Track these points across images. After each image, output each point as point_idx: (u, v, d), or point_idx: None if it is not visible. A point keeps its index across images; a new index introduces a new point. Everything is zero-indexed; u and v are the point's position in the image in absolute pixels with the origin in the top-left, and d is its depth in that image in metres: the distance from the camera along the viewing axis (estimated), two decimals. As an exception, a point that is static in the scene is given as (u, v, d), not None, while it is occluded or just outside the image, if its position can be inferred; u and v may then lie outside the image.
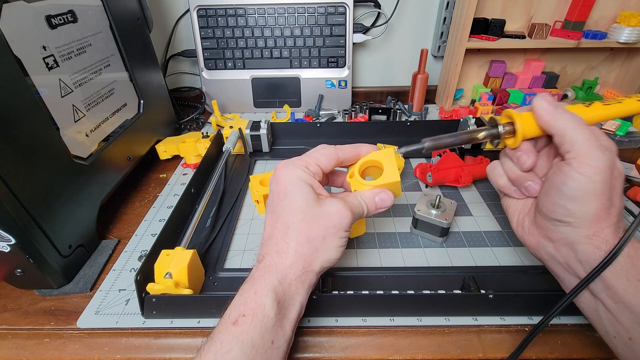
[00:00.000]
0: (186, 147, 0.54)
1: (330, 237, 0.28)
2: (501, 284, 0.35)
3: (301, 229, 0.28)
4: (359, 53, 0.78)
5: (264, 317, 0.24)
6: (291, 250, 0.27)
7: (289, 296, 0.26)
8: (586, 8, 0.62)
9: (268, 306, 0.25)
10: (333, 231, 0.28)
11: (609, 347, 0.26)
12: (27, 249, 0.31)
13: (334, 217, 0.28)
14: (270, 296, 0.25)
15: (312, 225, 0.27)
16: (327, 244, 0.28)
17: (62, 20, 0.38)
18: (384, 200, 0.30)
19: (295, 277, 0.27)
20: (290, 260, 0.27)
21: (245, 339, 0.23)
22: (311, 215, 0.28)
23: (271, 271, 0.27)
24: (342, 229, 0.28)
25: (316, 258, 0.28)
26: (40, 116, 0.34)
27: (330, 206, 0.28)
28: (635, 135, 0.59)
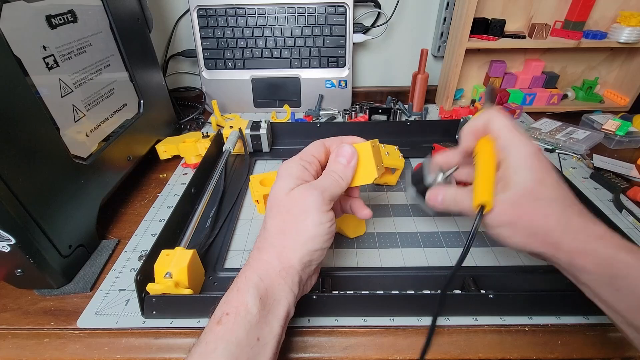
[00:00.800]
0: (186, 147, 0.54)
1: (302, 225, 0.27)
2: (501, 284, 0.35)
3: (275, 222, 0.28)
4: (359, 53, 0.78)
5: (247, 314, 0.24)
6: (268, 244, 0.28)
7: (272, 292, 0.26)
8: (586, 8, 0.62)
9: (250, 303, 0.25)
10: (303, 217, 0.27)
11: (608, 347, 0.26)
12: (27, 249, 0.31)
13: (300, 201, 0.27)
14: (251, 292, 0.25)
15: (284, 216, 0.27)
16: (301, 233, 0.27)
17: (62, 20, 0.38)
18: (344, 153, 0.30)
19: (275, 273, 0.27)
20: (267, 255, 0.27)
21: (229, 338, 0.23)
22: (282, 205, 0.28)
23: (252, 267, 0.27)
24: (313, 212, 0.27)
25: (292, 250, 0.27)
26: (40, 116, 0.34)
27: (295, 192, 0.28)
28: (635, 135, 0.59)
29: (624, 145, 0.59)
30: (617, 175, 0.51)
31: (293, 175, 0.29)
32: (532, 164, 0.26)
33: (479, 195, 0.26)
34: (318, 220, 0.27)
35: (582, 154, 0.56)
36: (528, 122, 0.67)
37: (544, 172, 0.26)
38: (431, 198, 0.32)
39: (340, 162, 0.30)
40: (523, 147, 0.26)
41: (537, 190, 0.25)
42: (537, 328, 0.32)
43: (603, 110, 0.68)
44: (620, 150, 0.59)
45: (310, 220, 0.27)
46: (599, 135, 0.59)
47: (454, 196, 0.30)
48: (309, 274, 0.29)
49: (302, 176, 0.29)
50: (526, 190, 0.25)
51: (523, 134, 0.27)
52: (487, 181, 0.27)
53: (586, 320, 0.32)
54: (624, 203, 0.45)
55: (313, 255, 0.28)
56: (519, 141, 0.27)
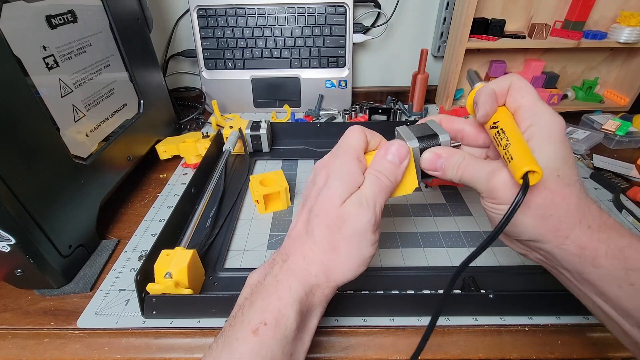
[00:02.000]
0: (186, 147, 0.54)
1: (355, 248, 0.25)
2: (501, 284, 0.35)
3: (324, 236, 0.25)
4: (359, 53, 0.78)
5: (286, 329, 0.23)
6: (317, 259, 0.25)
7: (312, 308, 0.25)
8: (586, 8, 0.62)
9: (291, 318, 0.23)
10: (357, 240, 0.25)
11: (608, 347, 0.26)
12: (27, 249, 0.31)
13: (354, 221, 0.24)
14: (295, 307, 0.23)
15: (336, 233, 0.25)
16: (355, 257, 0.25)
17: (62, 20, 0.38)
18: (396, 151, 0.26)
19: (320, 291, 0.25)
20: (316, 270, 0.25)
21: (265, 353, 0.22)
22: (333, 218, 0.25)
23: (297, 277, 0.25)
24: (367, 234, 0.25)
25: (342, 272, 0.25)
26: (40, 116, 0.34)
27: (349, 207, 0.25)
28: (635, 135, 0.59)
29: (624, 145, 0.59)
30: (617, 175, 0.51)
31: (349, 180, 0.26)
32: (558, 139, 0.23)
33: (523, 161, 0.21)
34: (371, 241, 0.25)
35: (582, 154, 0.56)
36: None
37: (568, 150, 0.23)
38: (429, 159, 0.27)
39: (390, 162, 0.27)
40: (550, 119, 0.23)
41: (561, 167, 0.23)
42: (537, 328, 0.32)
43: (603, 110, 0.68)
44: (620, 150, 0.59)
45: (365, 243, 0.25)
46: (599, 135, 0.59)
47: (460, 162, 0.26)
48: None
49: (357, 180, 0.26)
50: (552, 165, 0.22)
51: (547, 105, 0.24)
52: (524, 146, 0.23)
53: (586, 320, 0.32)
54: (624, 203, 0.45)
55: (354, 277, 0.26)
56: (546, 111, 0.24)
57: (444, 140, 0.28)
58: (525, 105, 0.24)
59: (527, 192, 0.21)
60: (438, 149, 0.27)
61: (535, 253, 0.27)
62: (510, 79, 0.26)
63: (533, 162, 0.21)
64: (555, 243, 0.23)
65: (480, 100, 0.26)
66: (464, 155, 0.26)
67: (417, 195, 0.48)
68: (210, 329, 0.32)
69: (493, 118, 0.26)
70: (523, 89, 0.25)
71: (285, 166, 0.56)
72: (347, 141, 0.28)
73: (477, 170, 0.25)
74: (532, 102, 0.24)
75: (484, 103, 0.25)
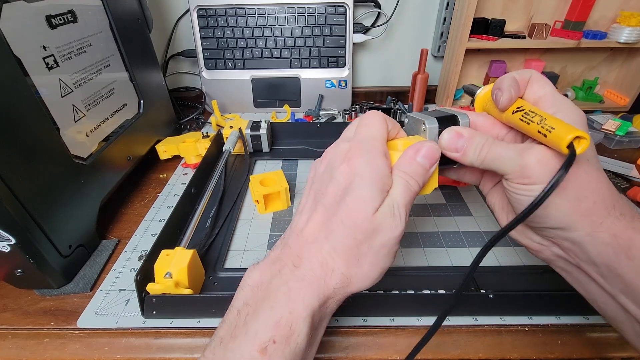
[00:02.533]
0: (186, 147, 0.54)
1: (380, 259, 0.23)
2: (501, 284, 0.35)
3: (352, 247, 0.23)
4: (359, 53, 0.78)
5: (297, 346, 0.21)
6: (338, 270, 0.23)
7: (323, 318, 0.24)
8: (586, 8, 0.62)
9: (303, 334, 0.21)
10: (384, 252, 0.23)
11: (608, 347, 0.26)
12: (27, 249, 0.31)
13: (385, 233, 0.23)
14: (307, 322, 0.21)
15: (362, 243, 0.23)
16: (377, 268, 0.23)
17: (62, 20, 0.38)
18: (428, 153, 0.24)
19: (335, 302, 0.23)
20: (335, 282, 0.23)
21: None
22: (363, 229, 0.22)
23: (312, 288, 0.22)
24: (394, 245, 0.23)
25: (361, 282, 0.23)
26: (40, 116, 0.34)
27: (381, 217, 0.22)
28: (635, 135, 0.59)
29: (624, 145, 0.59)
30: (617, 175, 0.51)
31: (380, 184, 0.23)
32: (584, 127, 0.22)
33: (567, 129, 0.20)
34: (395, 252, 0.24)
35: (582, 154, 0.56)
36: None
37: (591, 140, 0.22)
38: (449, 139, 0.25)
39: (421, 165, 0.24)
40: (574, 110, 0.23)
41: (589, 152, 0.22)
42: (537, 328, 0.32)
43: (603, 110, 0.68)
44: (620, 150, 0.59)
45: (390, 256, 0.24)
46: (599, 135, 0.59)
47: (484, 141, 0.24)
48: None
49: (387, 184, 0.23)
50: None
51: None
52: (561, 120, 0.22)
53: (586, 320, 0.32)
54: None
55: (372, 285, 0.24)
56: (569, 104, 0.23)
57: (463, 121, 0.26)
58: (546, 95, 0.24)
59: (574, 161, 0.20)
60: (458, 127, 0.25)
61: (555, 247, 0.25)
62: (531, 72, 0.25)
63: (578, 130, 0.20)
64: (588, 230, 0.22)
65: (505, 84, 0.24)
66: (487, 135, 0.25)
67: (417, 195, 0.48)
68: (210, 329, 0.32)
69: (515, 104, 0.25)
70: (542, 81, 0.25)
71: (285, 166, 0.56)
72: (370, 131, 0.25)
73: (505, 149, 0.24)
74: (553, 93, 0.24)
75: (509, 87, 0.24)
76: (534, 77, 0.25)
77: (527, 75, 0.25)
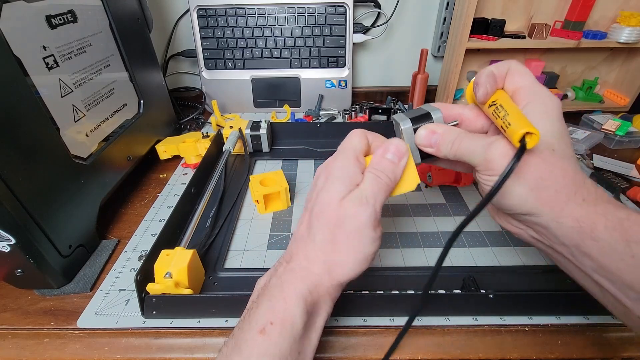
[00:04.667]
0: (186, 147, 0.54)
1: (357, 244, 0.25)
2: (501, 284, 0.35)
3: (325, 234, 0.26)
4: (359, 53, 0.78)
5: (293, 328, 0.23)
6: (319, 259, 0.26)
7: (317, 306, 0.25)
8: (586, 8, 0.62)
9: (297, 316, 0.23)
10: (358, 236, 0.25)
11: (608, 346, 0.26)
12: (27, 249, 0.31)
13: (354, 217, 0.25)
14: (300, 306, 0.24)
15: (336, 230, 0.25)
16: (357, 252, 0.25)
17: (62, 20, 0.38)
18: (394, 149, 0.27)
19: (324, 289, 0.25)
20: (318, 269, 0.25)
21: (274, 351, 0.22)
22: (333, 216, 0.25)
23: (301, 277, 0.25)
24: (368, 230, 0.25)
25: (345, 269, 0.25)
26: (40, 116, 0.34)
27: (348, 203, 0.25)
28: (635, 135, 0.59)
29: (624, 145, 0.59)
30: (617, 175, 0.51)
31: (348, 177, 0.26)
32: (554, 116, 0.24)
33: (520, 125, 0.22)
34: (372, 238, 0.25)
35: (582, 154, 0.56)
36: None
37: (563, 127, 0.24)
38: (424, 135, 0.27)
39: (390, 160, 0.27)
40: (548, 99, 0.25)
41: (557, 143, 0.24)
42: (537, 328, 0.32)
43: (603, 110, 0.68)
44: (620, 150, 0.59)
45: (366, 239, 0.25)
46: (599, 135, 0.59)
47: (456, 136, 0.26)
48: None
49: (356, 179, 0.26)
50: (548, 139, 0.23)
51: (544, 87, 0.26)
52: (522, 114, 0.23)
53: (586, 320, 0.32)
54: (624, 203, 0.45)
55: (359, 273, 0.26)
56: (544, 92, 0.25)
57: (436, 117, 0.28)
58: (523, 87, 0.25)
59: (523, 154, 0.22)
60: (432, 125, 0.28)
61: (530, 230, 0.26)
62: (509, 63, 0.27)
63: (530, 126, 0.22)
64: (551, 216, 0.23)
65: (481, 80, 0.26)
66: (458, 131, 0.27)
67: (417, 195, 0.48)
68: (210, 329, 0.32)
69: (492, 98, 0.26)
70: (521, 72, 0.26)
71: (285, 166, 0.56)
72: (348, 143, 0.29)
73: (474, 143, 0.26)
74: (529, 84, 0.25)
75: (485, 83, 0.26)
76: (512, 69, 0.27)
77: (505, 68, 0.27)
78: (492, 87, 0.26)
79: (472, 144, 0.26)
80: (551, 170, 0.23)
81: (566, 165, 0.23)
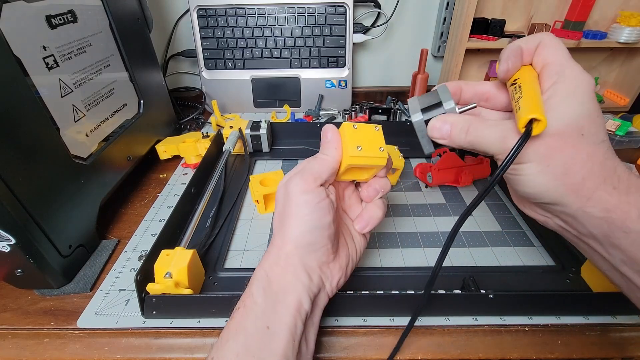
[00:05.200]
0: (186, 147, 0.54)
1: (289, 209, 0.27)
2: (501, 284, 0.35)
3: (276, 215, 0.29)
4: (359, 53, 0.78)
5: (254, 304, 0.25)
6: (276, 233, 0.29)
7: (277, 281, 0.26)
8: (586, 8, 0.62)
9: (255, 294, 0.26)
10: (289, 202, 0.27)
11: (609, 346, 0.26)
12: (27, 249, 0.31)
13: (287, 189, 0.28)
14: (255, 284, 0.26)
15: (280, 207, 0.29)
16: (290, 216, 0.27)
17: (62, 20, 0.38)
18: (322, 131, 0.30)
19: (275, 262, 0.27)
20: (271, 248, 0.28)
21: (239, 328, 0.24)
22: (279, 196, 0.29)
23: (260, 264, 0.28)
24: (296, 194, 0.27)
25: (287, 236, 0.27)
26: (40, 116, 0.34)
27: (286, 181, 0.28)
28: (635, 135, 0.59)
29: (624, 145, 0.59)
30: (617, 175, 0.51)
31: (300, 167, 0.29)
32: (585, 96, 0.22)
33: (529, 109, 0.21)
34: (302, 200, 0.27)
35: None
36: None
37: (595, 107, 0.22)
38: (435, 127, 0.26)
39: (322, 142, 0.30)
40: (580, 75, 0.22)
41: (587, 125, 0.21)
42: (537, 328, 0.32)
43: (603, 110, 0.68)
44: (620, 150, 0.59)
45: (295, 202, 0.27)
46: (599, 135, 0.59)
47: (468, 125, 0.25)
48: (319, 261, 0.28)
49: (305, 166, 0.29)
50: (574, 122, 0.21)
51: (577, 63, 0.23)
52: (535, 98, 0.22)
53: (586, 320, 0.32)
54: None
55: (309, 237, 0.27)
56: (575, 70, 0.22)
57: (448, 107, 0.27)
58: (552, 63, 0.23)
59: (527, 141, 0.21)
60: (442, 116, 0.27)
61: (557, 219, 0.25)
62: (541, 37, 0.24)
63: (537, 111, 0.20)
64: (578, 205, 0.22)
65: (504, 55, 0.25)
66: (470, 119, 0.25)
67: (417, 195, 0.48)
68: (210, 329, 0.32)
69: (515, 76, 0.25)
70: (553, 46, 0.24)
71: (285, 166, 0.56)
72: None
73: (488, 131, 0.24)
74: (560, 60, 0.23)
75: (507, 58, 0.25)
76: (544, 43, 0.24)
77: (536, 42, 0.24)
78: (515, 63, 0.25)
79: (487, 131, 0.24)
80: (579, 156, 0.21)
81: (596, 150, 0.21)
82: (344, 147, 0.29)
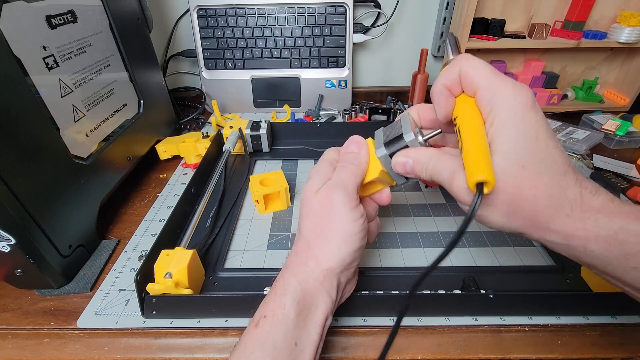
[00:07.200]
0: (186, 147, 0.54)
1: (336, 225, 0.26)
2: (501, 284, 0.35)
3: (309, 224, 0.28)
4: (359, 53, 0.78)
5: (285, 317, 0.24)
6: (305, 248, 0.27)
7: (311, 297, 0.25)
8: (586, 8, 0.62)
9: (287, 306, 0.24)
10: (334, 217, 0.26)
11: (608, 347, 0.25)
12: (27, 249, 0.31)
13: (327, 202, 0.27)
14: (289, 296, 0.25)
15: (316, 218, 0.27)
16: (337, 234, 0.26)
17: (62, 20, 0.38)
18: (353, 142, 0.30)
19: (313, 277, 0.26)
20: (306, 258, 0.27)
21: (267, 340, 0.23)
22: (312, 206, 0.27)
23: (291, 271, 0.26)
24: (343, 211, 0.26)
25: (330, 253, 0.26)
26: (40, 116, 0.34)
27: (322, 191, 0.27)
28: (635, 135, 0.59)
29: (624, 145, 0.59)
30: (617, 175, 0.51)
31: (320, 173, 0.29)
32: (520, 119, 0.21)
33: (475, 169, 0.20)
34: (350, 218, 0.26)
35: (582, 154, 0.56)
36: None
37: (535, 131, 0.20)
38: (398, 164, 0.27)
39: (352, 150, 0.29)
40: (508, 97, 0.21)
41: (525, 154, 0.20)
42: (537, 328, 0.32)
43: (603, 110, 0.68)
44: (620, 150, 0.59)
45: (342, 219, 0.26)
46: (599, 135, 0.59)
47: (427, 162, 0.25)
48: (347, 278, 0.28)
49: (327, 175, 0.29)
50: (511, 155, 0.20)
51: (507, 80, 0.22)
52: (480, 149, 0.21)
53: (586, 320, 0.32)
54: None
55: (353, 256, 0.27)
56: (504, 89, 0.21)
57: (408, 140, 0.27)
58: (482, 88, 0.22)
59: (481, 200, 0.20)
60: (403, 152, 0.27)
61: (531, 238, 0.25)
62: (459, 64, 0.23)
63: (483, 170, 0.20)
64: (539, 234, 0.22)
65: (434, 100, 0.25)
66: (430, 154, 0.25)
67: (417, 195, 0.48)
68: (210, 329, 0.32)
69: (455, 112, 0.24)
70: (473, 68, 0.23)
71: (285, 166, 0.56)
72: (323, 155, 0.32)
73: (441, 171, 0.24)
74: (487, 83, 0.22)
75: (437, 102, 0.25)
76: (463, 70, 0.23)
77: (456, 72, 0.23)
78: (447, 102, 0.24)
79: (440, 171, 0.24)
80: (521, 193, 0.21)
81: (540, 181, 0.20)
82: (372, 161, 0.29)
